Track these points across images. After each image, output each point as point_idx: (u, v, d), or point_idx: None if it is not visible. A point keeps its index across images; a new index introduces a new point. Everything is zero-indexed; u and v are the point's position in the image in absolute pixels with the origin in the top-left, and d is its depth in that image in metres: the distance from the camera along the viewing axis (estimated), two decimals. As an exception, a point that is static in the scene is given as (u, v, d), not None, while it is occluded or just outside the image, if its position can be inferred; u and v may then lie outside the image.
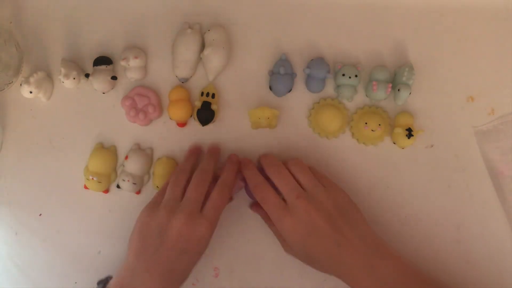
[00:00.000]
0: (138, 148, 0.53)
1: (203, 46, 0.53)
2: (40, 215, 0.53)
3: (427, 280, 0.43)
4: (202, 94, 0.53)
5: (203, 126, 0.52)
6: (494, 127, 0.53)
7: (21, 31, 0.55)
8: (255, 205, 0.51)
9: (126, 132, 0.53)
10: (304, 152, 0.53)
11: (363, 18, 0.55)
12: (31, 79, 0.50)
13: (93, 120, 0.54)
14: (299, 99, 0.54)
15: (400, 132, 0.50)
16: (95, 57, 0.53)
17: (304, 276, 0.51)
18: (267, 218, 0.50)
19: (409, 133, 0.50)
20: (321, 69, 0.51)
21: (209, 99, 0.52)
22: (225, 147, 0.53)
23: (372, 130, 0.51)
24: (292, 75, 0.53)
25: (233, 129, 0.53)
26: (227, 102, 0.54)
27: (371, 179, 0.52)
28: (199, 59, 0.53)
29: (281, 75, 0.52)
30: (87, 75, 0.53)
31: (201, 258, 0.45)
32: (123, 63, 0.51)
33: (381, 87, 0.51)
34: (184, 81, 0.54)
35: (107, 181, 0.52)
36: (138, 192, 0.53)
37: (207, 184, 0.46)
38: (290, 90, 0.53)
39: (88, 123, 0.54)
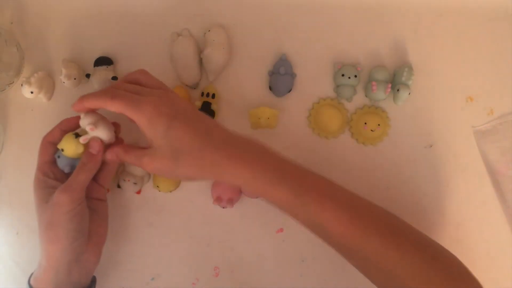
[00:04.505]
0: (139, 148, 0.53)
1: (199, 47, 0.53)
2: (41, 214, 0.53)
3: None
4: (202, 94, 0.53)
5: (203, 126, 0.52)
6: (493, 127, 0.53)
7: (22, 31, 0.55)
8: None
9: (126, 132, 0.53)
10: (304, 152, 0.53)
11: (363, 18, 0.55)
12: (32, 79, 0.50)
13: (94, 120, 0.54)
14: (299, 99, 0.54)
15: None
16: (96, 57, 0.53)
17: (304, 276, 0.51)
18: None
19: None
20: None
21: (209, 99, 0.52)
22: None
23: (372, 130, 0.52)
24: (292, 75, 0.53)
25: (233, 129, 0.53)
26: (227, 102, 0.54)
27: (371, 179, 0.52)
28: (201, 61, 0.53)
29: (281, 75, 0.52)
30: (88, 76, 0.53)
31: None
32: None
33: (381, 87, 0.51)
34: (194, 86, 0.54)
35: (107, 181, 0.52)
36: (139, 192, 0.53)
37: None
38: (290, 90, 0.53)
39: (89, 123, 0.54)
